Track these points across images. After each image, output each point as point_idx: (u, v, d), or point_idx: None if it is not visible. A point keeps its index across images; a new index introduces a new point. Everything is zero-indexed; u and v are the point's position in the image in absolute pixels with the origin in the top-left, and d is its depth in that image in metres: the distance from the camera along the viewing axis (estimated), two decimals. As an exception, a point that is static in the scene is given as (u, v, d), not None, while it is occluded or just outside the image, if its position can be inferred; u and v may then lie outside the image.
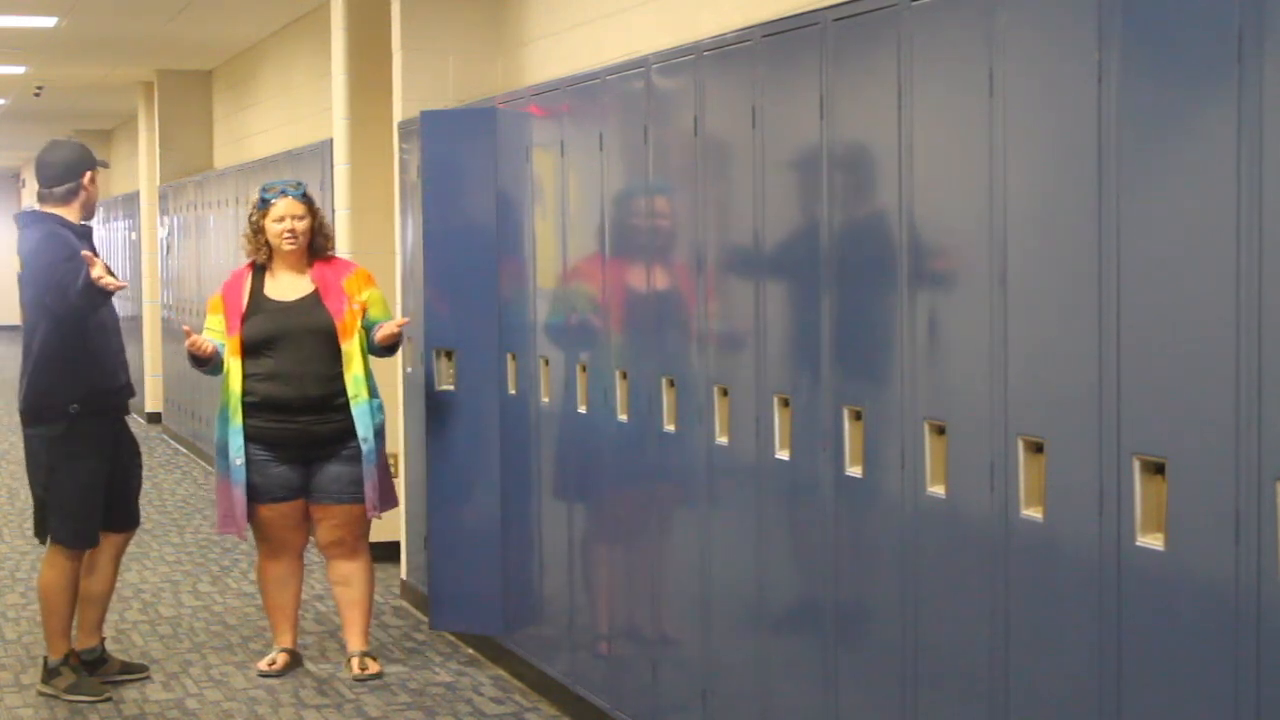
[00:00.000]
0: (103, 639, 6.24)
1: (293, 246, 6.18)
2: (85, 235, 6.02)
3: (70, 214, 6.00)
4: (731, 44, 4.50)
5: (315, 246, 6.25)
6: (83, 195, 6.03)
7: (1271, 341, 2.78)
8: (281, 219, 6.19)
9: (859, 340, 3.97)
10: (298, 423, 6.14)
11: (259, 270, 6.27)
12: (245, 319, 6.17)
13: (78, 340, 5.85)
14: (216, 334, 6.22)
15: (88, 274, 5.63)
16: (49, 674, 6.05)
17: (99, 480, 5.94)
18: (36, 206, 6.13)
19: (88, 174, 6.04)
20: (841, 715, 4.07)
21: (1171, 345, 3.00)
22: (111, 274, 5.81)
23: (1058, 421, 3.29)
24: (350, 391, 6.11)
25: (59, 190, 6.02)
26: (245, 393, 6.14)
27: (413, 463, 7.19)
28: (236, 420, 6.14)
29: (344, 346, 6.13)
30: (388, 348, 6.18)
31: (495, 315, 6.13)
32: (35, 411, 5.95)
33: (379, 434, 6.18)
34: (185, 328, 6.40)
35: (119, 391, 6.04)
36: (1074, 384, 3.22)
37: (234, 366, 6.16)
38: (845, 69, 3.97)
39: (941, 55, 3.63)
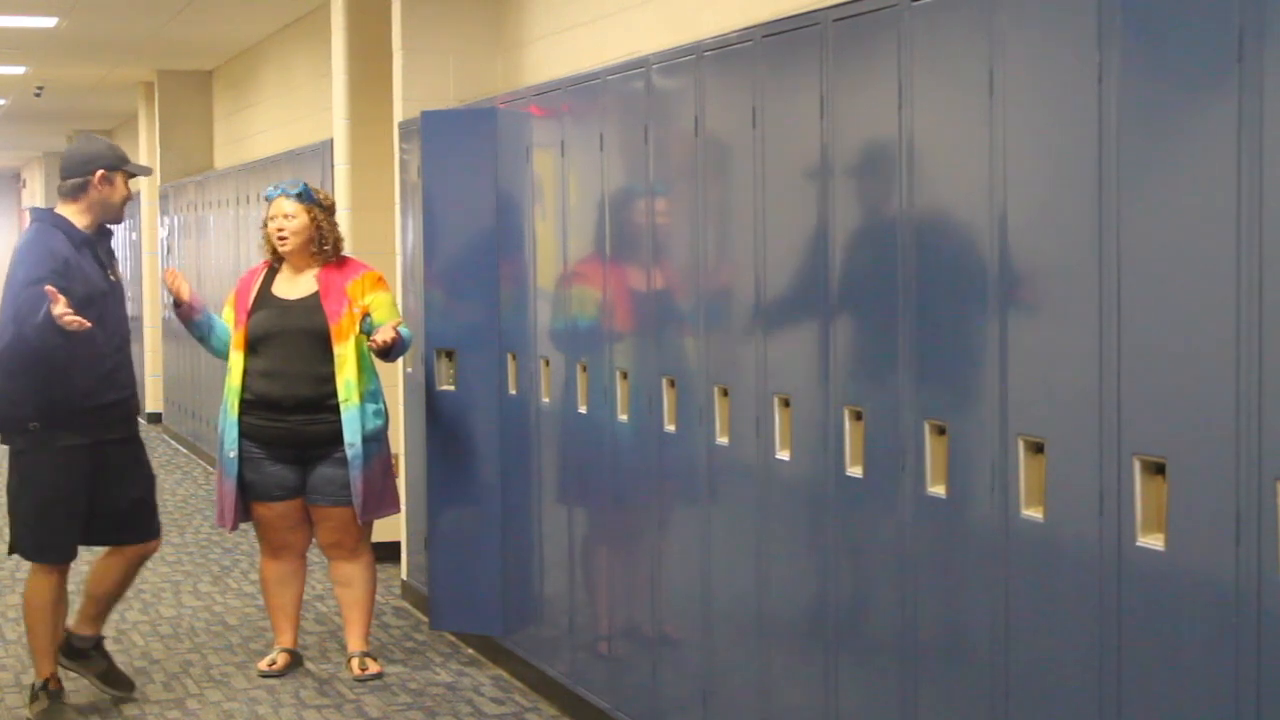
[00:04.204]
0: (100, 636, 6.03)
1: (285, 245, 6.20)
2: (88, 242, 5.64)
3: (76, 215, 5.65)
4: (732, 44, 4.50)
5: (318, 248, 6.24)
6: (91, 195, 5.65)
7: (1272, 341, 2.78)
8: (274, 218, 6.22)
9: (860, 339, 3.97)
10: (287, 422, 6.14)
11: (273, 268, 6.30)
12: (250, 314, 6.20)
13: (41, 357, 5.41)
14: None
15: (48, 310, 5.25)
16: (31, 696, 5.78)
17: (68, 498, 5.59)
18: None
19: (99, 173, 5.65)
20: (842, 715, 4.08)
21: (1171, 345, 3.00)
22: (139, 282, 5.63)
23: (1058, 421, 3.29)
24: (340, 395, 6.10)
25: (65, 185, 5.71)
26: (243, 388, 6.17)
27: (413, 463, 7.19)
28: (233, 414, 6.18)
29: (337, 349, 6.12)
30: (384, 352, 6.12)
31: (495, 315, 6.13)
32: (5, 421, 5.61)
33: (372, 439, 6.16)
34: (170, 268, 6.33)
35: (99, 410, 5.58)
36: (1074, 384, 3.22)
37: (236, 361, 6.19)
38: (846, 69, 3.97)
39: (941, 55, 3.63)
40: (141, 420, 14.97)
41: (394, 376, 7.39)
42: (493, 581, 6.22)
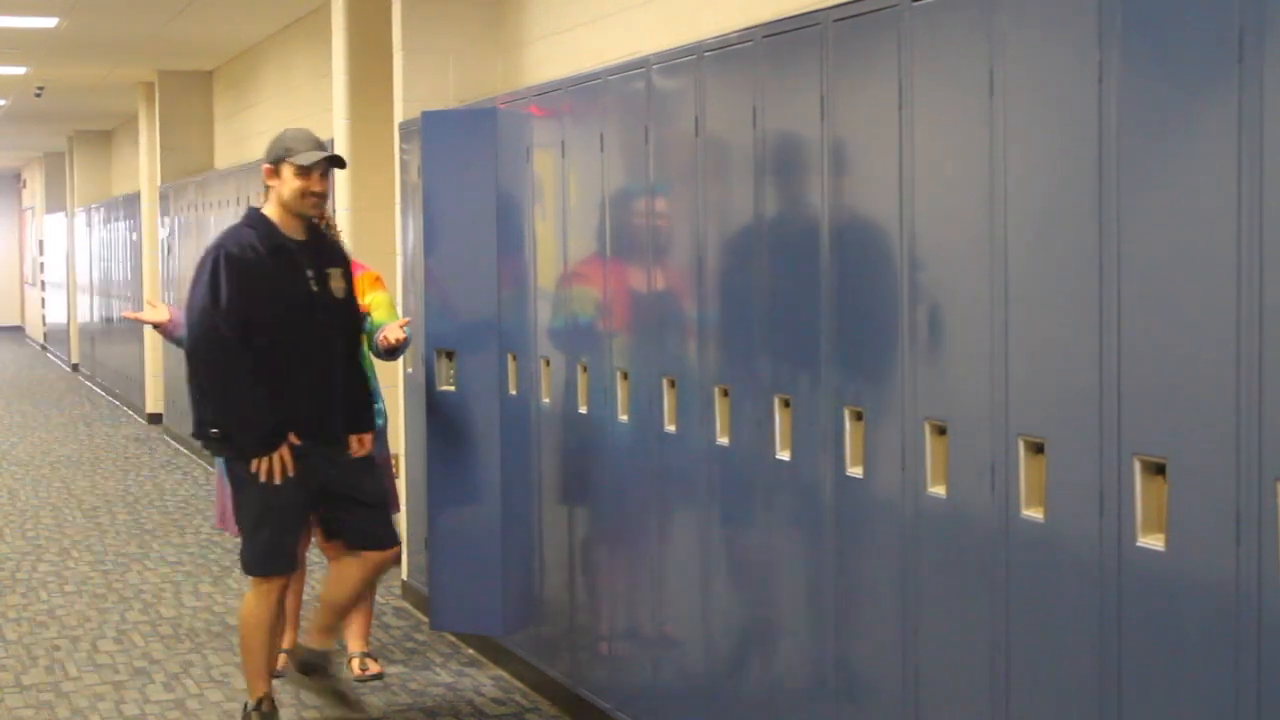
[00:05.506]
0: (332, 650, 5.70)
1: None
2: (285, 246, 5.32)
3: (271, 212, 5.39)
4: (732, 44, 4.50)
5: None
6: (270, 191, 5.39)
7: (1272, 341, 2.78)
8: None
9: (860, 340, 3.97)
10: None
11: None
12: None
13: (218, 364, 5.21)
14: None
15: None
16: (244, 716, 5.50)
17: (274, 508, 5.28)
18: None
19: (265, 168, 5.39)
20: (841, 715, 4.08)
21: (1171, 345, 3.00)
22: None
23: (1058, 421, 3.29)
24: None
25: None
26: None
27: (413, 463, 7.19)
28: None
29: None
30: (390, 351, 6.11)
31: (496, 315, 6.13)
32: (195, 425, 5.37)
33: (375, 439, 6.15)
34: (126, 312, 6.30)
35: (279, 424, 5.25)
36: (1074, 384, 3.22)
37: None
38: (846, 69, 3.97)
39: (941, 55, 3.63)
40: (140, 420, 15.07)
41: (394, 377, 7.39)
42: (493, 581, 6.21)
